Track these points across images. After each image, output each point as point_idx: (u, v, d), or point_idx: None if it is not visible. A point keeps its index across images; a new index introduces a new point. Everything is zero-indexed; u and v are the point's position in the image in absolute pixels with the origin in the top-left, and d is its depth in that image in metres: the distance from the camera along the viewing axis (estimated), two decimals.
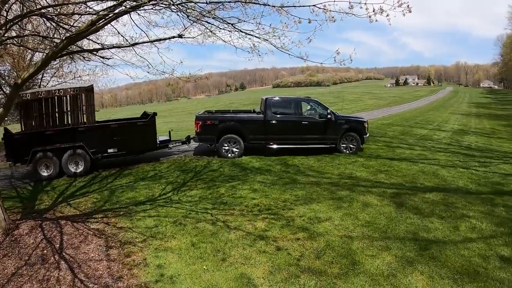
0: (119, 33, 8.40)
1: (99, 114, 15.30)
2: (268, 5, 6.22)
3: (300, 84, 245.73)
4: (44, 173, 11.73)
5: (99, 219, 8.24)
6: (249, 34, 7.01)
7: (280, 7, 6.03)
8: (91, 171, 12.20)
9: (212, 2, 6.48)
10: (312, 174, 11.28)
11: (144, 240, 7.12)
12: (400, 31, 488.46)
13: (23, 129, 11.99)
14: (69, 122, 12.41)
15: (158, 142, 13.56)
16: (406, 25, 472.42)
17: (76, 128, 12.18)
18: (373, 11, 5.42)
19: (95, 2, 6.97)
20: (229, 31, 7.16)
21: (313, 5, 5.69)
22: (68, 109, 12.39)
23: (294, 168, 11.98)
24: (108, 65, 10.33)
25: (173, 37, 7.42)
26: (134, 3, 6.23)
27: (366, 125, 14.54)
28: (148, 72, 8.57)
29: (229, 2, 6.54)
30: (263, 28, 6.84)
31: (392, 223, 7.54)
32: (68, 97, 12.33)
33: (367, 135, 14.63)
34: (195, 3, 6.45)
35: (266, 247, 6.64)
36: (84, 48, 11.27)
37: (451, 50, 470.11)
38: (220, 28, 7.20)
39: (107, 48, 8.30)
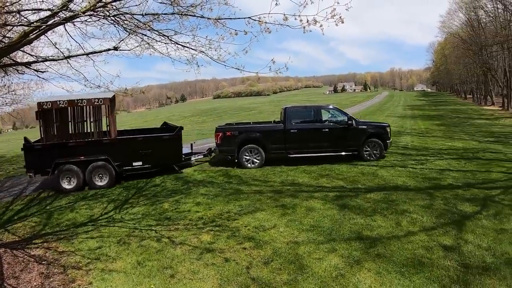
0: (54, 45, 8.15)
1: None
2: (204, 17, 6.37)
3: (240, 94, 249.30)
4: (67, 186, 11.77)
5: (40, 244, 7.94)
6: (185, 47, 7.11)
7: (216, 19, 6.20)
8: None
9: (148, 14, 6.53)
10: (254, 183, 11.47)
11: (88, 263, 6.91)
12: (337, 41, 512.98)
13: (42, 137, 12.04)
14: (93, 133, 12.62)
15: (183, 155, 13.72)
16: (343, 34, 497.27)
17: (101, 140, 12.33)
18: (307, 22, 5.70)
19: (30, 12, 6.74)
20: (165, 43, 7.22)
21: (248, 17, 5.91)
22: (91, 120, 12.62)
23: (237, 179, 12.13)
24: (43, 78, 10.01)
25: (109, 49, 7.37)
26: (70, 13, 6.10)
27: (389, 130, 14.60)
28: (85, 86, 8.40)
29: (165, 14, 6.61)
30: (199, 41, 6.97)
31: (336, 225, 7.86)
32: (91, 107, 12.46)
33: (390, 140, 14.72)
34: (131, 15, 6.45)
35: (214, 259, 6.67)
36: (18, 60, 10.79)
37: (386, 57, 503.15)
38: (157, 41, 7.25)
39: (42, 61, 8.05)
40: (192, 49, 7.08)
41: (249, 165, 13.86)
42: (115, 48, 7.35)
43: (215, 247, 7.14)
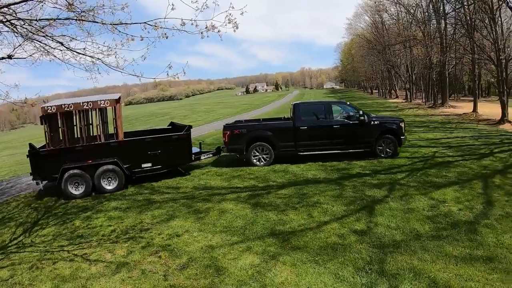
0: None
1: None
2: (98, 22, 6.27)
3: (152, 100, 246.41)
4: (74, 192, 11.68)
5: None
6: (80, 53, 6.90)
7: (112, 24, 6.13)
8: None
9: (42, 19, 6.29)
10: (167, 191, 11.36)
11: None
12: (249, 43, 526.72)
13: (48, 143, 11.94)
14: (100, 136, 12.65)
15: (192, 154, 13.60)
16: (255, 36, 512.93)
17: (109, 143, 12.30)
18: (206, 27, 5.85)
19: None
20: (60, 50, 6.97)
21: (144, 23, 5.98)
22: (98, 123, 12.68)
23: (149, 188, 11.93)
24: None
25: (3, 58, 6.87)
26: None
27: (403, 125, 14.20)
28: None
29: (59, 19, 6.44)
30: (98, 47, 6.83)
31: (249, 223, 8.08)
32: (97, 110, 12.56)
33: (405, 137, 14.32)
34: (24, 20, 6.11)
35: (130, 273, 6.51)
36: None
37: (297, 58, 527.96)
38: (52, 47, 6.97)
39: None
40: (89, 56, 6.93)
41: (258, 163, 13.80)
42: (9, 57, 6.93)
43: (130, 260, 6.98)
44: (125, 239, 8.04)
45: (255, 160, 13.85)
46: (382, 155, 13.72)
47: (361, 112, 14.02)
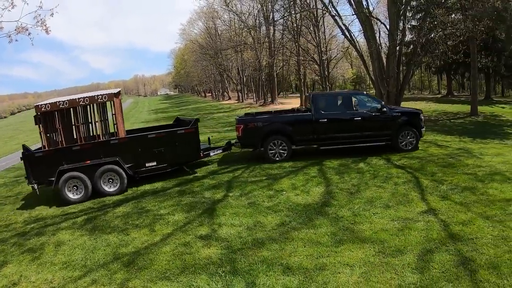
0: None
1: None
2: None
3: None
4: (73, 196, 10.78)
5: None
6: None
7: None
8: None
9: None
10: None
11: None
12: (81, 49, 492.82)
13: (44, 145, 11.25)
14: (99, 134, 11.81)
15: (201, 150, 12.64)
16: (87, 43, 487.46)
17: (109, 141, 11.42)
18: (16, 29, 5.62)
19: None
20: None
21: None
22: (97, 120, 11.90)
23: None
24: None
25: None
26: None
27: (423, 118, 13.50)
28: None
29: None
30: None
31: (89, 252, 7.25)
32: (95, 106, 11.68)
33: (424, 129, 13.61)
34: None
35: None
36: None
37: (130, 65, 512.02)
38: None
39: None
40: None
41: (274, 158, 12.87)
42: None
43: None
44: None
45: (271, 156, 12.93)
46: (405, 148, 13.13)
47: (382, 103, 13.53)
